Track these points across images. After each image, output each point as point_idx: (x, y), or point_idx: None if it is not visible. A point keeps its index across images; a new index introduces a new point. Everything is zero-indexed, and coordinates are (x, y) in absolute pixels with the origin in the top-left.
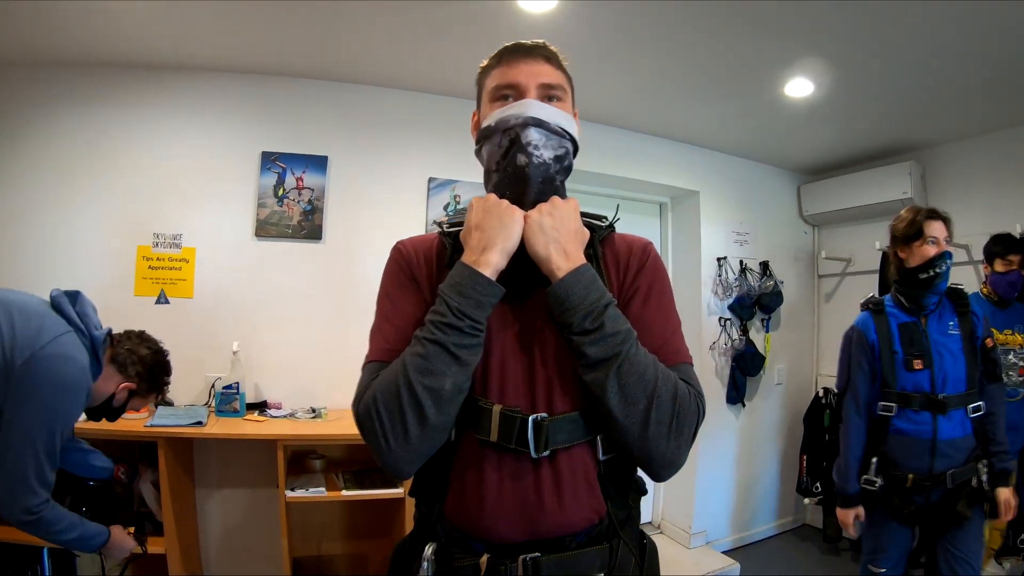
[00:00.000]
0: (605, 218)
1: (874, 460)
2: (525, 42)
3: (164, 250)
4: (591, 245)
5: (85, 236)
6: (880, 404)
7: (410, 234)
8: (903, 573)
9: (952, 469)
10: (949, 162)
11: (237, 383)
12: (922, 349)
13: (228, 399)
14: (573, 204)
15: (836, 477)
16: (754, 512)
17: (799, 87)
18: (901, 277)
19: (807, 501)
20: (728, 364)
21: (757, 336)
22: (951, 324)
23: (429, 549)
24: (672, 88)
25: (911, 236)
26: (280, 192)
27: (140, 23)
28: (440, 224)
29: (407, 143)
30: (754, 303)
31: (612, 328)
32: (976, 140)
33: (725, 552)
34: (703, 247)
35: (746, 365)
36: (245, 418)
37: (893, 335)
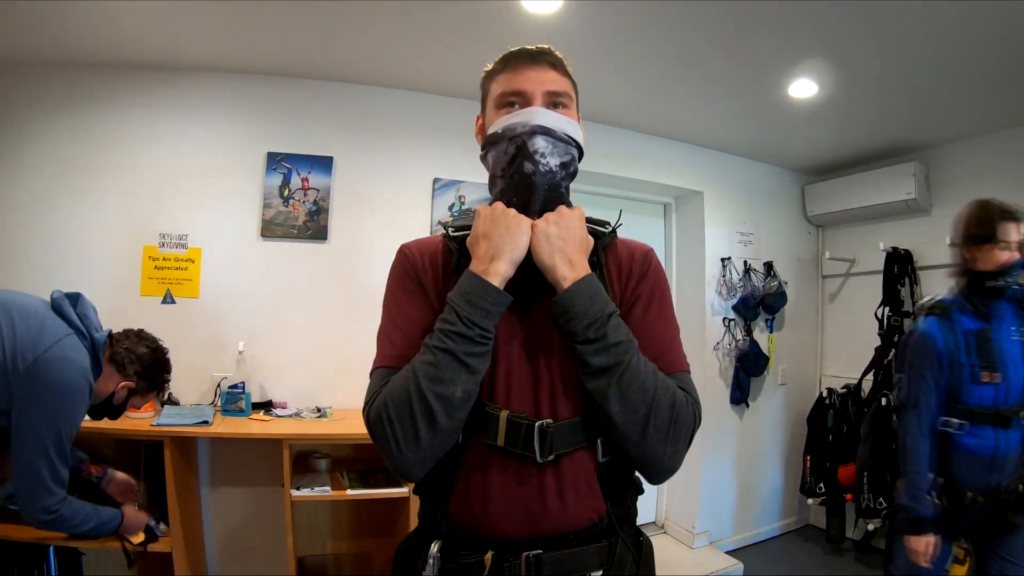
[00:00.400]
0: (608, 224)
1: (940, 480)
2: (531, 48)
3: (170, 250)
4: (595, 252)
5: (91, 237)
6: (942, 419)
7: (415, 235)
8: None
9: (1006, 482)
10: (953, 162)
11: (243, 383)
12: (993, 360)
13: (234, 399)
14: (578, 213)
15: (906, 500)
16: (758, 512)
17: (803, 88)
18: (968, 280)
19: (811, 501)
20: (732, 364)
21: (761, 336)
22: (1013, 330)
23: (435, 546)
24: (676, 89)
25: (982, 237)
26: (285, 193)
27: (143, 23)
28: (445, 226)
29: (412, 144)
30: (758, 303)
31: (615, 338)
32: (979, 140)
33: (728, 552)
34: (707, 247)
35: (750, 365)
36: (251, 417)
37: (961, 345)
